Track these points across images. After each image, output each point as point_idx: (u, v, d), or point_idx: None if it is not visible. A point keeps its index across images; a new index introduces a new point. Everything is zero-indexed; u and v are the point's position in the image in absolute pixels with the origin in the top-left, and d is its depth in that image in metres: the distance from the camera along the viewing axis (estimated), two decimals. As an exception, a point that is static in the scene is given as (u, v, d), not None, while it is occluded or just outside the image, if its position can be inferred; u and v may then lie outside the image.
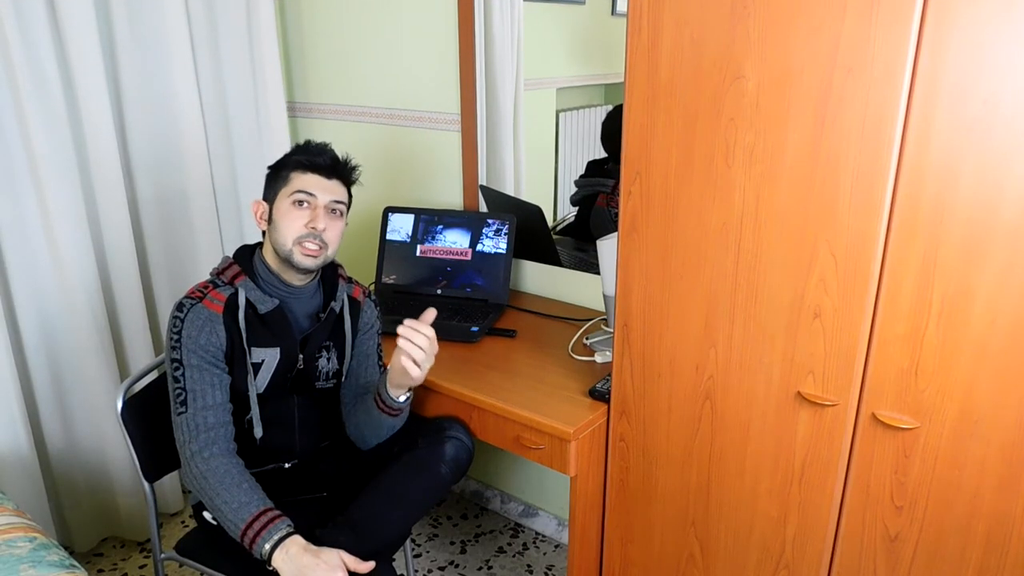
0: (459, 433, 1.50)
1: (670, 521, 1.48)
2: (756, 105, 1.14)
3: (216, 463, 1.35)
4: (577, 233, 1.99)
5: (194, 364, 1.38)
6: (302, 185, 1.42)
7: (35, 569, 1.22)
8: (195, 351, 1.38)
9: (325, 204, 1.43)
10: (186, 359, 1.38)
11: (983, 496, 1.11)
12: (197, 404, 1.38)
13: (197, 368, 1.38)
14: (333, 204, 1.44)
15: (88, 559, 2.14)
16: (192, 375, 1.38)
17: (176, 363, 1.39)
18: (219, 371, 1.40)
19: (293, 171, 1.44)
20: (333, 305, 1.51)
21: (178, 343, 1.39)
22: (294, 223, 1.41)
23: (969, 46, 0.96)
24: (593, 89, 1.90)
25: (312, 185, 1.42)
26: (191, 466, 1.36)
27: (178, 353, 1.39)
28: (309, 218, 1.41)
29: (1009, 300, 1.01)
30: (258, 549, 1.29)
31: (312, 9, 2.32)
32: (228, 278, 1.44)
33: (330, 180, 1.45)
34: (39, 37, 1.79)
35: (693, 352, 1.34)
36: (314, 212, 1.42)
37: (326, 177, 1.44)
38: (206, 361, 1.39)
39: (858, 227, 1.10)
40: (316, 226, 1.41)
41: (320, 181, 1.43)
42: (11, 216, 1.82)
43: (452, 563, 2.13)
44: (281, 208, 1.43)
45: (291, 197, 1.42)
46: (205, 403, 1.38)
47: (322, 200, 1.43)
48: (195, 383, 1.38)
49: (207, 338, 1.39)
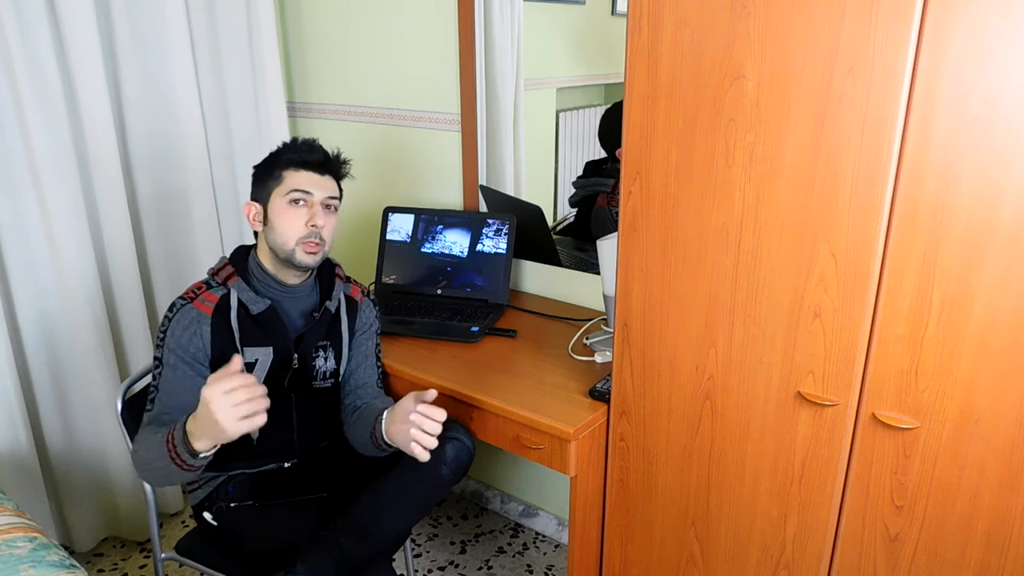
0: (459, 434, 1.50)
1: (670, 521, 1.48)
2: (756, 105, 1.14)
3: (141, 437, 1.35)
4: (577, 233, 1.98)
5: (171, 363, 1.40)
6: (297, 184, 1.42)
7: (35, 569, 1.22)
8: (174, 350, 1.40)
9: (321, 201, 1.44)
10: (165, 358, 1.40)
11: (983, 496, 1.11)
12: (162, 404, 1.39)
13: (173, 367, 1.40)
14: (328, 200, 1.45)
15: (88, 559, 2.14)
16: (167, 374, 1.40)
17: (157, 361, 1.41)
18: (193, 373, 1.41)
19: (286, 169, 1.43)
20: (328, 304, 1.51)
21: (162, 342, 1.41)
22: (294, 223, 1.41)
23: (969, 46, 0.96)
24: (593, 89, 1.90)
25: (307, 183, 1.43)
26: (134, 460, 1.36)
27: (160, 352, 1.41)
28: (308, 216, 1.42)
29: (1009, 300, 1.01)
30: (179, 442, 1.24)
31: (312, 9, 2.32)
32: (222, 279, 1.45)
33: (323, 176, 1.45)
34: (39, 37, 1.79)
35: (693, 352, 1.34)
36: (312, 210, 1.42)
37: (319, 174, 1.44)
38: (183, 360, 1.40)
39: (858, 227, 1.10)
40: (316, 223, 1.41)
41: (314, 178, 1.43)
42: (11, 216, 1.82)
43: (452, 563, 2.13)
44: (277, 208, 1.42)
45: (287, 196, 1.42)
46: (169, 404, 1.39)
47: (318, 197, 1.43)
48: (167, 382, 1.40)
49: (189, 338, 1.40)
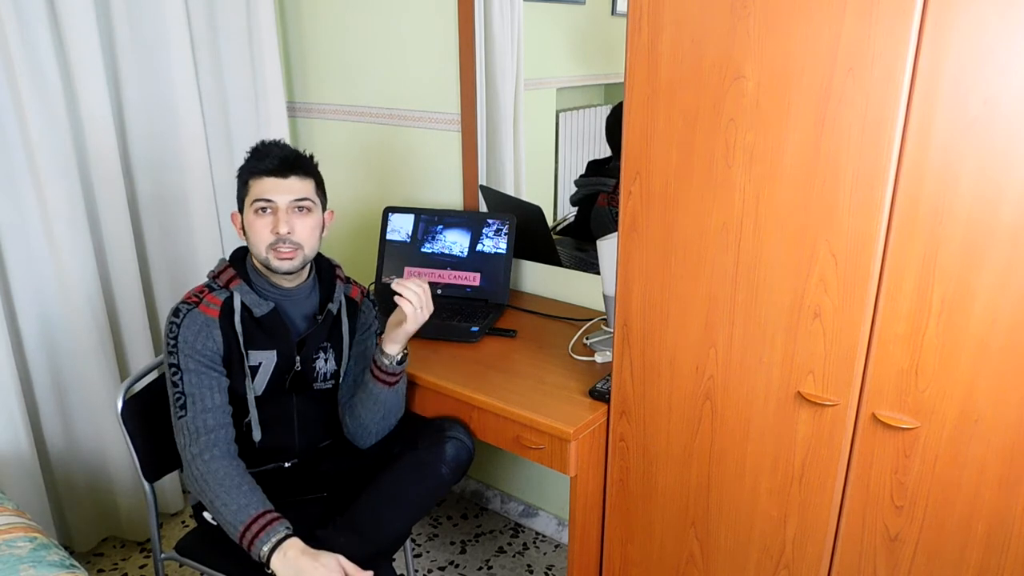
0: (459, 433, 1.50)
1: (670, 521, 1.48)
2: (756, 105, 1.14)
3: (216, 465, 1.35)
4: (577, 233, 1.98)
5: (191, 368, 1.38)
6: (259, 192, 1.39)
7: (35, 569, 1.22)
8: (192, 355, 1.38)
9: (287, 205, 1.39)
10: (183, 363, 1.38)
11: (983, 496, 1.11)
12: (196, 407, 1.38)
13: (195, 372, 1.39)
14: (295, 203, 1.40)
15: (88, 559, 2.14)
16: (190, 379, 1.38)
17: (174, 368, 1.39)
18: (217, 374, 1.41)
19: (251, 178, 1.40)
20: (330, 307, 1.51)
21: (175, 348, 1.39)
22: (261, 232, 1.39)
23: (969, 46, 0.96)
24: (593, 89, 1.90)
25: (268, 190, 1.38)
26: (192, 468, 1.36)
27: (175, 358, 1.39)
28: (272, 224, 1.39)
29: (1009, 300, 1.01)
30: (256, 551, 1.29)
31: (312, 9, 2.32)
32: (223, 281, 1.44)
33: (286, 179, 1.39)
34: (39, 37, 1.79)
35: (693, 352, 1.34)
36: (276, 216, 1.38)
37: (281, 177, 1.39)
38: (204, 365, 1.39)
39: (858, 227, 1.10)
40: (279, 231, 1.38)
41: (276, 183, 1.39)
42: (11, 216, 1.82)
43: (452, 563, 2.13)
44: (248, 218, 1.41)
45: (253, 206, 1.39)
46: (204, 406, 1.38)
47: (282, 203, 1.38)
48: (194, 386, 1.38)
49: (203, 342, 1.39)
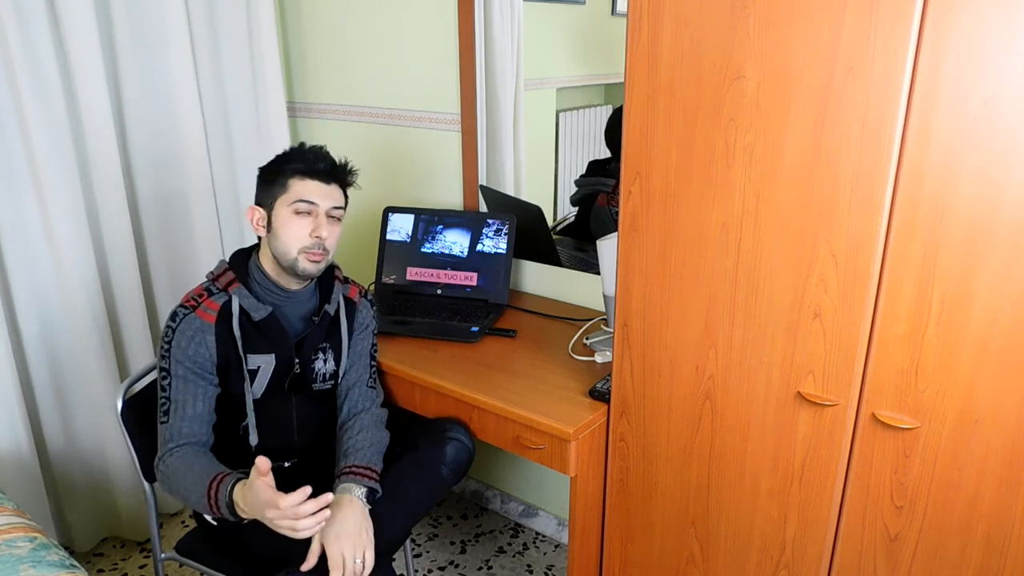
0: (459, 434, 1.50)
1: (670, 521, 1.48)
2: (756, 105, 1.14)
3: (174, 458, 1.36)
4: (577, 233, 1.98)
5: (180, 375, 1.39)
6: (303, 193, 1.40)
7: (35, 569, 1.22)
8: (182, 361, 1.39)
9: (326, 211, 1.42)
10: (173, 369, 1.39)
11: (983, 496, 1.11)
12: (177, 415, 1.39)
13: (182, 379, 1.39)
14: (333, 210, 1.43)
15: (88, 559, 2.14)
16: (177, 385, 1.39)
17: (164, 372, 1.40)
18: (205, 382, 1.41)
19: (292, 178, 1.41)
20: (327, 308, 1.51)
21: (167, 352, 1.39)
22: (298, 232, 1.40)
23: (969, 46, 0.96)
24: (593, 89, 1.90)
25: (312, 192, 1.40)
26: (158, 472, 1.38)
27: (166, 363, 1.40)
28: (312, 227, 1.40)
29: (1009, 300, 1.01)
30: (223, 502, 1.26)
31: (312, 9, 2.32)
32: (222, 284, 1.43)
33: (329, 185, 1.43)
34: (39, 37, 1.79)
35: (693, 352, 1.34)
36: (316, 220, 1.40)
37: (325, 183, 1.42)
38: (192, 372, 1.39)
39: (858, 227, 1.10)
40: (320, 235, 1.40)
41: (320, 188, 1.41)
42: (11, 216, 1.82)
43: (452, 563, 2.13)
44: (281, 216, 1.41)
45: (292, 206, 1.40)
46: (185, 414, 1.39)
47: (323, 207, 1.41)
48: (178, 393, 1.39)
49: (195, 349, 1.39)
